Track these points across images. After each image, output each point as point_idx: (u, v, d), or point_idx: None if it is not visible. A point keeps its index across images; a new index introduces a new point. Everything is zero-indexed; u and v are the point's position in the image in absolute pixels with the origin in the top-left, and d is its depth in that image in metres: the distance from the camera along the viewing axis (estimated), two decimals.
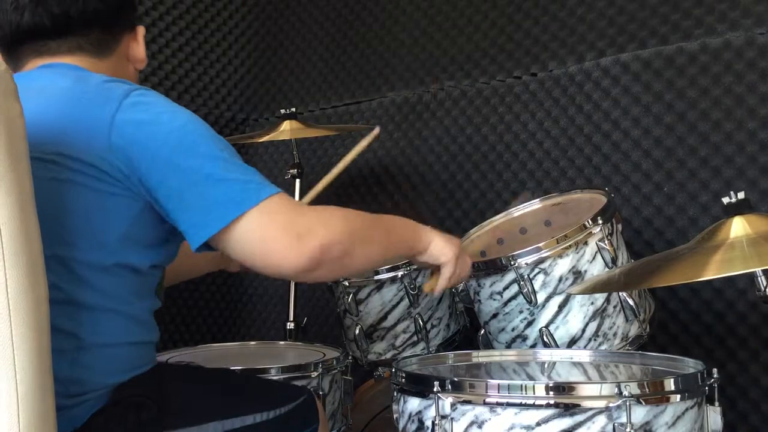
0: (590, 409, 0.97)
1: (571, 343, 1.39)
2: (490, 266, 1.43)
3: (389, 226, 1.22)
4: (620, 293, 1.39)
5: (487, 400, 1.00)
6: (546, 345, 1.39)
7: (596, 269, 1.39)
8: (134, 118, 1.01)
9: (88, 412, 1.00)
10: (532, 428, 0.97)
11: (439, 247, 1.27)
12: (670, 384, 1.00)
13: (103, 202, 1.00)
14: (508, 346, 1.45)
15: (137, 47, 1.22)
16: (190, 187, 1.00)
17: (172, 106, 1.07)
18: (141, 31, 1.23)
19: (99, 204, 1.00)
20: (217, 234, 1.00)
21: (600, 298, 1.39)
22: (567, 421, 0.97)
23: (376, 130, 1.82)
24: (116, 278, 1.02)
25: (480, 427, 1.00)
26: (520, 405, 0.98)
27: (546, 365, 1.29)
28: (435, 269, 1.33)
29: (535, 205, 1.67)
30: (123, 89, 1.04)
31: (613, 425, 0.96)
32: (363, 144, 1.82)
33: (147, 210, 1.02)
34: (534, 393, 0.98)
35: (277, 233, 1.01)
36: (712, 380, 1.06)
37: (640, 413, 0.97)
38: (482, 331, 1.53)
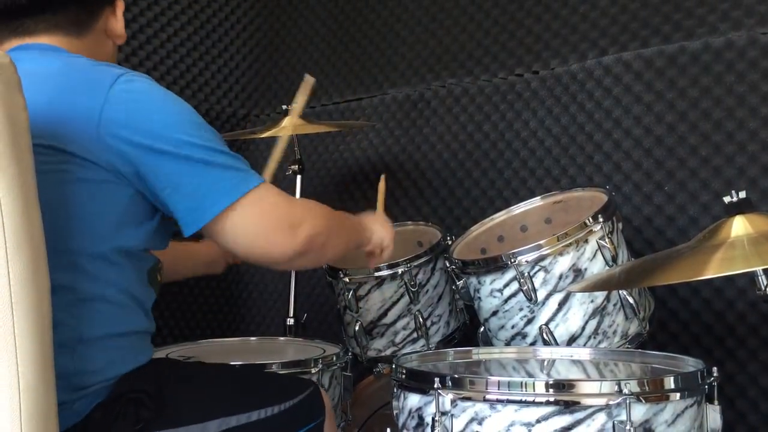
0: (590, 406, 0.97)
1: (571, 340, 1.39)
2: (490, 263, 1.43)
3: (345, 222, 1.29)
4: (620, 291, 1.39)
5: (488, 396, 1.00)
6: (546, 342, 1.39)
7: (596, 267, 1.39)
8: (122, 109, 0.99)
9: (88, 406, 0.99)
10: (532, 425, 0.97)
11: (379, 235, 1.39)
12: (670, 382, 1.01)
13: (94, 191, 0.99)
14: (508, 343, 1.45)
15: (116, 23, 1.18)
16: (183, 175, 1.00)
17: (159, 93, 1.05)
18: (120, 5, 1.19)
19: (90, 194, 0.99)
20: (211, 221, 1.02)
21: (600, 296, 1.39)
22: (567, 419, 0.97)
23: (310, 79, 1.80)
24: (112, 266, 1.02)
25: (480, 423, 1.00)
26: (520, 402, 0.98)
27: (545, 363, 1.30)
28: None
29: (536, 202, 1.67)
30: (110, 76, 1.01)
31: (613, 423, 0.96)
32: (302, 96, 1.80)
33: (137, 195, 1.02)
34: (534, 390, 0.98)
35: (273, 222, 1.06)
36: (712, 379, 1.06)
37: (639, 411, 0.97)
38: (482, 329, 1.53)
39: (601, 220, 1.38)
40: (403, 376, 1.11)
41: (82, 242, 0.99)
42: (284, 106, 2.07)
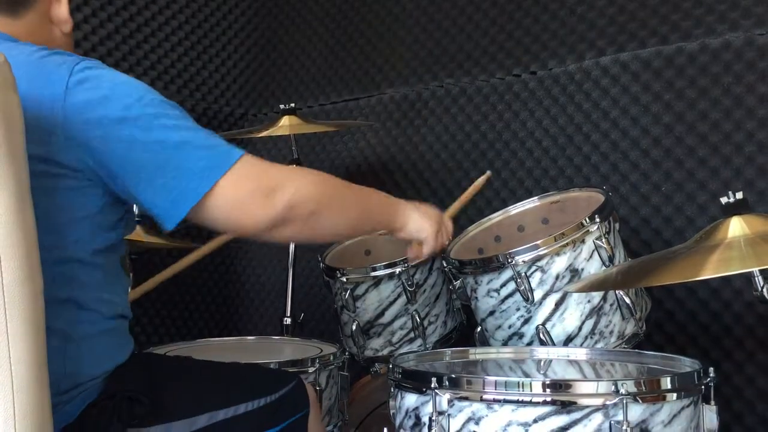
0: (587, 406, 0.97)
1: (568, 340, 1.39)
2: (487, 264, 1.43)
3: (365, 198, 1.19)
4: (617, 292, 1.39)
5: (485, 396, 1.00)
6: (542, 343, 1.39)
7: (593, 267, 1.39)
8: (85, 98, 0.94)
9: (79, 407, 0.98)
10: (529, 425, 0.97)
11: (416, 225, 1.25)
12: (666, 382, 1.01)
13: (69, 199, 0.96)
14: (505, 343, 1.45)
15: (59, 6, 1.11)
16: (156, 164, 0.96)
17: (122, 78, 1.00)
18: None
19: (66, 202, 0.96)
20: (191, 210, 0.97)
21: (597, 296, 1.39)
22: (564, 419, 0.97)
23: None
24: (90, 267, 1.00)
25: (477, 423, 1.00)
26: (517, 402, 0.98)
27: (542, 363, 1.30)
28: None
29: (534, 202, 1.67)
30: (66, 65, 0.95)
31: (610, 423, 0.96)
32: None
33: (107, 195, 0.99)
34: (531, 390, 0.98)
35: (248, 194, 0.99)
36: (708, 379, 1.06)
37: (636, 411, 0.97)
38: (479, 329, 1.53)
39: (598, 220, 1.38)
40: (400, 376, 1.11)
41: (59, 249, 0.95)
42: (282, 106, 2.07)
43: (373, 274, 1.67)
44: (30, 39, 1.03)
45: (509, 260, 1.38)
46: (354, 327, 1.71)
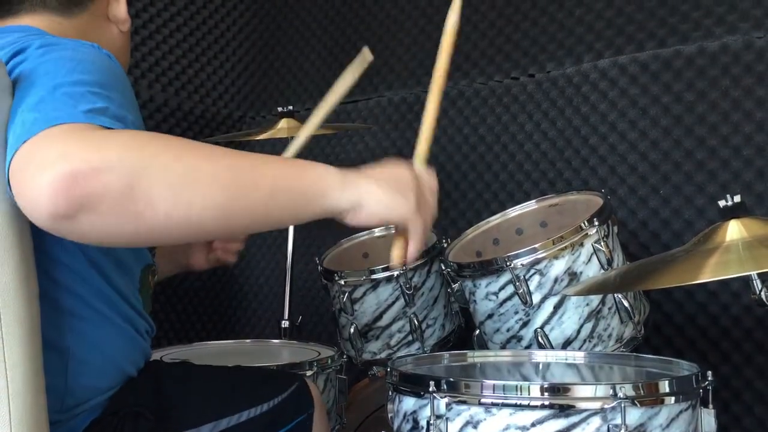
0: (585, 410, 0.96)
1: (566, 344, 1.39)
2: (485, 267, 1.42)
3: (252, 165, 0.81)
4: (615, 295, 1.39)
5: (483, 400, 0.99)
6: (541, 346, 1.39)
7: (592, 271, 1.39)
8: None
9: (83, 423, 0.96)
10: (527, 429, 0.97)
11: (382, 204, 0.88)
12: (664, 386, 1.00)
13: None
14: (503, 346, 1.45)
15: (118, 5, 1.09)
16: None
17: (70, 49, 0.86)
18: None
19: None
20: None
21: (595, 299, 1.39)
22: (562, 422, 0.97)
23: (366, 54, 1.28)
24: (86, 276, 0.93)
25: (475, 427, 1.00)
26: (515, 405, 0.98)
27: (541, 366, 1.29)
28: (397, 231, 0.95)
29: (532, 206, 1.67)
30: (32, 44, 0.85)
31: (608, 427, 0.96)
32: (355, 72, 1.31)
33: None
34: (529, 394, 0.98)
35: (34, 164, 0.71)
36: (707, 383, 1.06)
37: (634, 415, 0.97)
38: (477, 332, 1.53)
39: (596, 223, 1.38)
40: (398, 379, 1.11)
41: (54, 251, 0.89)
42: (280, 108, 2.06)
43: (372, 277, 1.67)
44: (82, 39, 0.97)
45: (508, 263, 1.38)
46: (352, 330, 1.71)
